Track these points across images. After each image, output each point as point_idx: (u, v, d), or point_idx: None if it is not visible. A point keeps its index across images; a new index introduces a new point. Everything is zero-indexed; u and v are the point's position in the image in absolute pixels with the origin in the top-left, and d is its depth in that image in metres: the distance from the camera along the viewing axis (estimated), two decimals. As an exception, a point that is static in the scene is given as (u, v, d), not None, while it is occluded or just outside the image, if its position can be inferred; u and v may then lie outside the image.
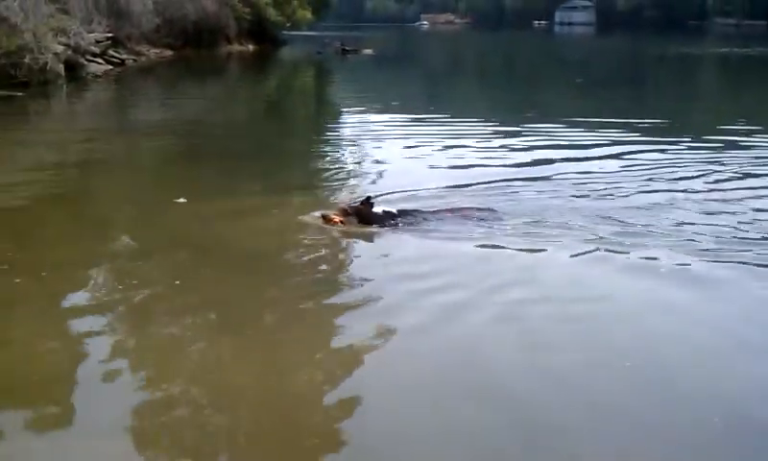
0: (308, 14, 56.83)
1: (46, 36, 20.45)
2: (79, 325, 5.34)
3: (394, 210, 7.54)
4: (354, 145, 13.20)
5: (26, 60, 19.00)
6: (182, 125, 15.87)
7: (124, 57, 27.98)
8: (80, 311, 5.54)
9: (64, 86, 20.63)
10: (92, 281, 6.14)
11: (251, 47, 45.49)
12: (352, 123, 16.62)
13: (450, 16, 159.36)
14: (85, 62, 23.72)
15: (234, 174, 10.52)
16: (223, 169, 10.94)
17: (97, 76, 23.77)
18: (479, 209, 7.81)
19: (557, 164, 10.76)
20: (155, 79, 26.63)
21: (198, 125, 16.08)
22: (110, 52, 26.78)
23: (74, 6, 24.59)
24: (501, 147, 12.54)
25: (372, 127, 15.63)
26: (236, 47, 43.58)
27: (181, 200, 8.33)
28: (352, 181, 10.02)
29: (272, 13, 49.12)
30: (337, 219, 7.37)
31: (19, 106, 16.82)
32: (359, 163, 11.32)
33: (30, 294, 5.87)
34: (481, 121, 15.90)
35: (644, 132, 13.97)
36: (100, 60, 25.27)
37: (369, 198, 7.61)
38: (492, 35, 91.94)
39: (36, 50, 19.48)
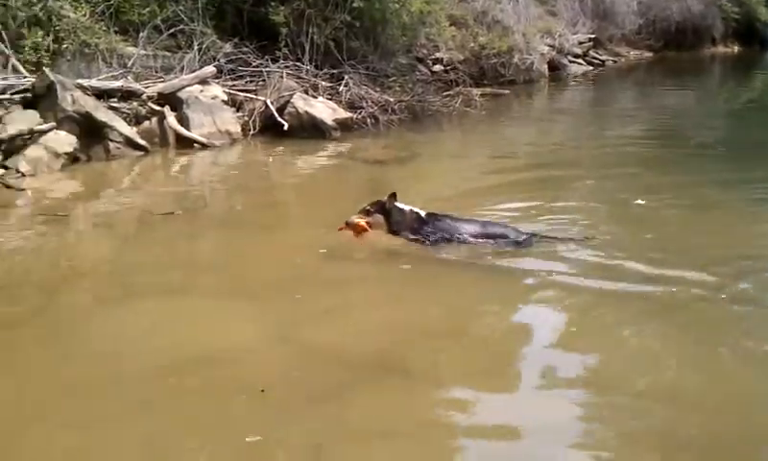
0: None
1: (534, 38, 21.50)
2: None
3: (422, 213, 6.63)
4: None
5: (514, 60, 20.13)
6: (656, 127, 15.31)
7: (604, 58, 28.06)
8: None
9: (546, 86, 21.52)
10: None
11: (735, 48, 42.45)
12: None
13: None
14: (567, 63, 24.36)
15: (699, 173, 10.00)
16: (688, 170, 10.39)
17: (576, 76, 24.28)
18: (516, 230, 6.69)
19: None
20: (633, 80, 26.25)
21: (671, 125, 15.52)
22: (591, 53, 27.12)
23: (561, 8, 25.43)
24: None
25: None
26: (720, 49, 40.95)
27: (640, 201, 8.06)
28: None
29: (764, 13, 45.14)
30: (362, 222, 6.37)
31: (505, 101, 17.95)
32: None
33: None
34: None
35: None
36: (581, 61, 25.73)
37: (393, 193, 6.63)
38: None
39: (524, 50, 20.55)
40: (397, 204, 6.63)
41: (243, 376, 4.56)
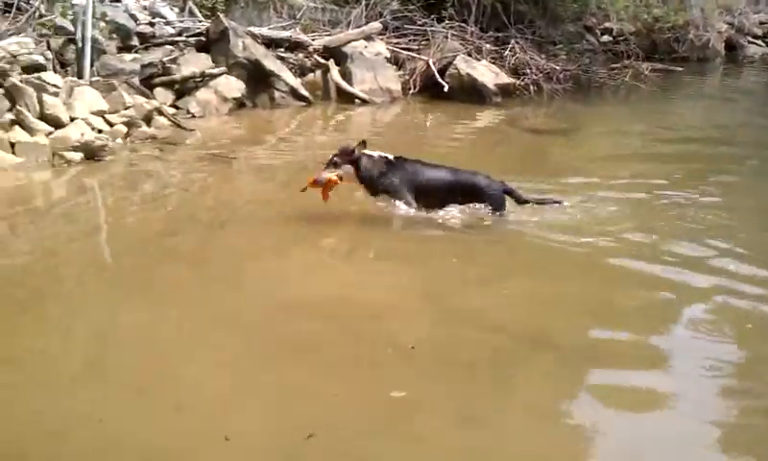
0: None
1: (713, 14, 20.27)
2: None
3: (390, 157, 6.31)
4: None
5: (689, 36, 19.07)
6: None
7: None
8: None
9: (721, 66, 20.28)
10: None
11: None
12: None
13: None
14: (746, 44, 22.86)
15: None
16: None
17: (754, 58, 22.70)
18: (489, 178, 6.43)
19: None
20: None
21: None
22: (775, 35, 25.28)
23: (746, -16, 23.82)
24: None
25: None
26: None
27: None
28: None
29: None
30: (334, 177, 5.87)
31: (677, 78, 16.99)
32: None
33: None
34: None
35: None
36: (760, 43, 24.04)
37: (363, 140, 6.28)
38: None
39: (701, 27, 19.42)
40: (366, 151, 6.31)
41: (391, 331, 4.54)
